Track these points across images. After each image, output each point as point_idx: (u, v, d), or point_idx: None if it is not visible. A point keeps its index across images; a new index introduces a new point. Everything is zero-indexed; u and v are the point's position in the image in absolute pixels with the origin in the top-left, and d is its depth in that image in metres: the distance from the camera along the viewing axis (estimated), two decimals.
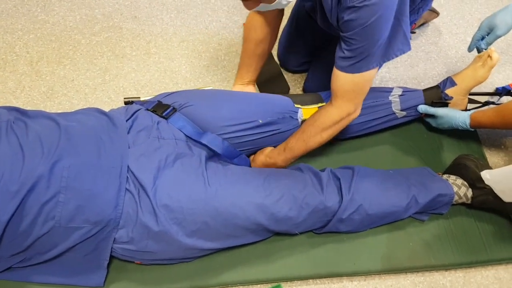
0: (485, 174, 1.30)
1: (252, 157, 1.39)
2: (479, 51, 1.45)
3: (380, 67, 1.56)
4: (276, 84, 1.67)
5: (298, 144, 1.29)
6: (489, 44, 1.41)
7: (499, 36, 1.38)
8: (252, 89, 1.58)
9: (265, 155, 1.35)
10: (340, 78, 1.18)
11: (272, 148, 1.37)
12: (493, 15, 1.38)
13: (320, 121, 1.26)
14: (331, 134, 1.28)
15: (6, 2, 1.86)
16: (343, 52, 1.13)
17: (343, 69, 1.16)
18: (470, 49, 1.46)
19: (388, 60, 1.19)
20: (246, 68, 1.54)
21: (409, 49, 1.21)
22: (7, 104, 1.55)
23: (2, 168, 0.97)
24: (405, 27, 1.14)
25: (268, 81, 1.66)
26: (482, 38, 1.42)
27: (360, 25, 1.05)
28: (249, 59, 1.51)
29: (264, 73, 1.61)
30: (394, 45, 1.16)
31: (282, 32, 1.72)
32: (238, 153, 1.32)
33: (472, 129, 1.41)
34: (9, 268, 1.11)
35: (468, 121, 1.37)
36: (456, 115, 1.40)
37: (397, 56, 1.19)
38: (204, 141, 1.22)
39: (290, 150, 1.30)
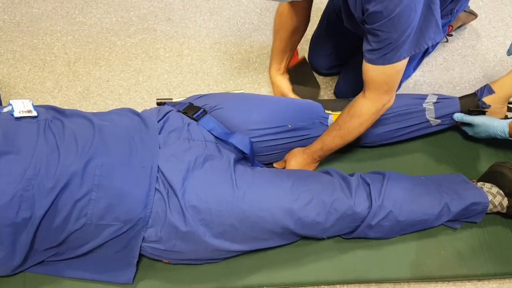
0: None
1: (281, 162, 1.39)
2: None
3: (425, 55, 1.51)
4: (307, 83, 1.66)
5: (336, 141, 1.29)
6: None
7: None
8: (286, 77, 1.60)
9: (301, 156, 1.34)
10: (371, 71, 1.15)
11: (302, 149, 1.35)
12: None
13: (356, 116, 1.23)
14: (368, 126, 1.27)
15: (46, 5, 1.92)
16: (371, 45, 1.11)
17: (373, 61, 1.13)
18: (509, 53, 1.41)
19: (420, 50, 1.15)
20: (281, 56, 1.54)
21: (441, 38, 1.17)
22: (45, 103, 1.61)
23: (38, 164, 1.01)
24: (437, 16, 1.10)
25: (300, 81, 1.65)
26: None
27: (386, 16, 1.02)
28: (283, 48, 1.51)
29: (296, 74, 1.61)
30: (426, 34, 1.12)
31: (313, 35, 1.72)
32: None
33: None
34: (42, 262, 1.14)
35: (507, 130, 1.31)
36: (494, 123, 1.34)
37: (428, 45, 1.15)
38: (232, 141, 1.22)
39: (327, 147, 1.31)
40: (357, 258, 1.28)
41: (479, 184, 1.36)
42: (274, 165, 1.40)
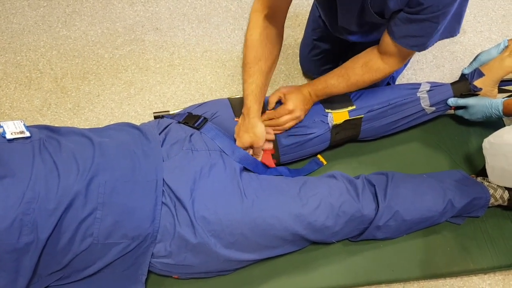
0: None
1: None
2: None
3: None
4: None
5: (340, 87, 1.30)
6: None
7: None
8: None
9: (300, 92, 1.31)
10: (399, 49, 1.18)
11: (298, 87, 1.33)
12: None
13: (371, 72, 1.26)
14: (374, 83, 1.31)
15: (27, 19, 1.86)
16: (408, 31, 1.11)
17: (407, 46, 1.15)
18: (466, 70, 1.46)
19: (451, 37, 1.20)
20: (262, 94, 1.26)
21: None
22: (35, 123, 1.57)
23: (38, 186, 0.97)
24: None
25: None
26: None
27: (441, 8, 1.02)
28: (263, 83, 1.26)
29: None
30: (460, 23, 1.17)
31: (301, 41, 1.72)
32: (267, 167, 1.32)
33: (505, 117, 1.37)
34: (47, 287, 1.10)
35: (501, 108, 1.32)
36: (487, 102, 1.35)
37: (456, 35, 1.20)
38: (235, 159, 1.21)
39: (329, 89, 1.31)
40: (366, 260, 1.29)
41: (479, 179, 1.38)
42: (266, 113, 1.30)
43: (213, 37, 1.83)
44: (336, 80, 1.29)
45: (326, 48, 1.62)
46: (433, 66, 1.80)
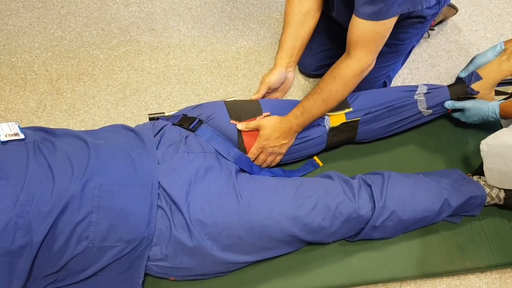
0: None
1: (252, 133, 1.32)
2: None
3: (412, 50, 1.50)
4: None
5: (317, 105, 1.24)
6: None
7: None
8: (291, 74, 1.52)
9: (278, 122, 1.27)
10: (362, 28, 1.12)
11: (279, 117, 1.29)
12: None
13: (340, 77, 1.20)
14: (351, 89, 1.25)
15: (22, 21, 1.86)
16: None
17: (367, 16, 1.10)
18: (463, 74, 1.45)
19: (414, 9, 1.14)
20: (287, 47, 1.45)
21: (434, 2, 1.18)
22: (30, 124, 1.56)
23: (32, 189, 0.97)
24: None
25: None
26: None
27: None
28: (292, 36, 1.43)
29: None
30: None
31: None
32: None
33: (502, 119, 1.37)
34: None
35: (498, 111, 1.32)
36: (485, 105, 1.36)
37: (423, 7, 1.15)
38: (231, 160, 1.22)
39: (308, 113, 1.25)
40: (363, 260, 1.29)
41: (475, 178, 1.38)
42: (238, 126, 1.29)
43: (208, 38, 1.82)
44: (312, 100, 1.25)
45: (325, 43, 1.62)
46: (428, 65, 1.80)
